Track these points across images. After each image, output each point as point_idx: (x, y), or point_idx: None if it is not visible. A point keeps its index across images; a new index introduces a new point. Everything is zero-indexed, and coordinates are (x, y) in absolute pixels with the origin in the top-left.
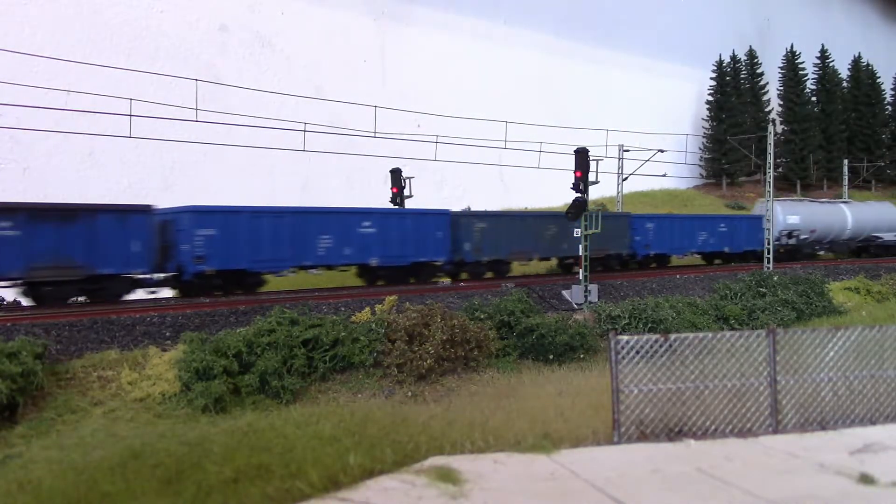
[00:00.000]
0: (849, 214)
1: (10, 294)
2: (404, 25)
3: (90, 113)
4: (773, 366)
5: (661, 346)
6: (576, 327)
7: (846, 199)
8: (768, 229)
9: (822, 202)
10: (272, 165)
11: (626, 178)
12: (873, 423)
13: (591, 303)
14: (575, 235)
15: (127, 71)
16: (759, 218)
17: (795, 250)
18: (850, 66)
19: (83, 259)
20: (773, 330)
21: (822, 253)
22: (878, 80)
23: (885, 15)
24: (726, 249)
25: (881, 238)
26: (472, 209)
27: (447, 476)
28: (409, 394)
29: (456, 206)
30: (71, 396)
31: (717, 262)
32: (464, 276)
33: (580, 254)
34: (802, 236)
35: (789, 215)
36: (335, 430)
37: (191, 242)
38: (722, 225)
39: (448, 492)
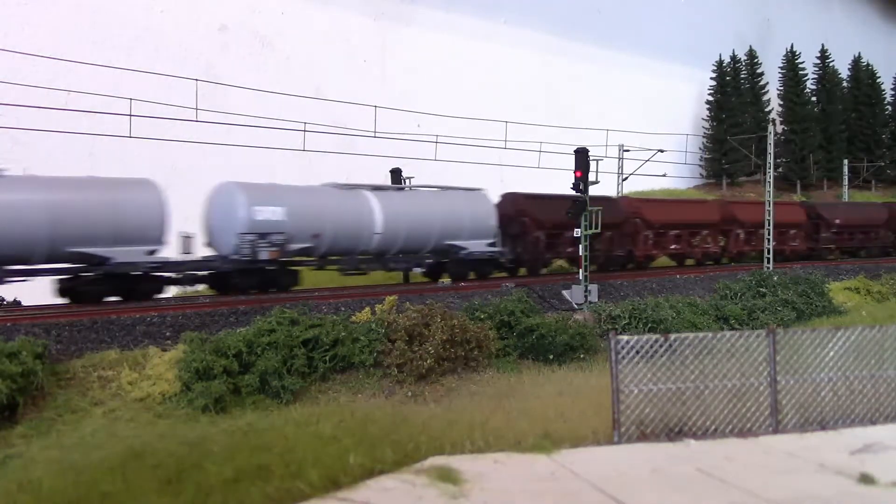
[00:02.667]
0: (377, 207)
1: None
2: (404, 25)
3: (90, 113)
4: (773, 366)
5: (661, 346)
6: (576, 327)
7: (379, 184)
8: (769, 231)
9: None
10: (272, 165)
11: (626, 178)
12: (873, 423)
13: (591, 303)
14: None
15: (127, 71)
16: None
17: (267, 275)
18: (850, 66)
19: None
20: (773, 330)
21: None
22: (878, 80)
23: (885, 15)
24: None
25: (459, 246)
26: None
27: (447, 476)
28: (409, 394)
29: None
30: (71, 396)
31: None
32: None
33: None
34: (296, 245)
35: (262, 206)
36: (335, 430)
37: None
38: None
39: (448, 492)
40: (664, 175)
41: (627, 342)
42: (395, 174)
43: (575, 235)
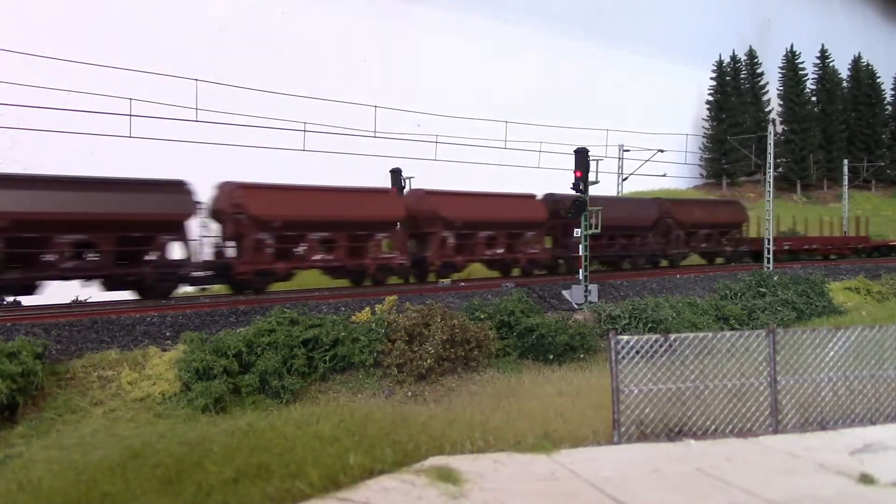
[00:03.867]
0: None
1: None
2: (404, 25)
3: (90, 113)
4: (773, 366)
5: (661, 346)
6: (576, 327)
7: None
8: (768, 229)
9: None
10: (272, 165)
11: (626, 178)
12: (873, 423)
13: (591, 303)
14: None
15: (127, 71)
16: None
17: None
18: (850, 66)
19: None
20: (773, 330)
21: None
22: (878, 80)
23: (885, 15)
24: None
25: None
26: None
27: (447, 476)
28: (409, 394)
29: None
30: (71, 396)
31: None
32: None
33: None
34: None
35: None
36: (335, 430)
37: None
38: None
39: (448, 492)
40: (664, 175)
41: (627, 342)
42: (395, 174)
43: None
